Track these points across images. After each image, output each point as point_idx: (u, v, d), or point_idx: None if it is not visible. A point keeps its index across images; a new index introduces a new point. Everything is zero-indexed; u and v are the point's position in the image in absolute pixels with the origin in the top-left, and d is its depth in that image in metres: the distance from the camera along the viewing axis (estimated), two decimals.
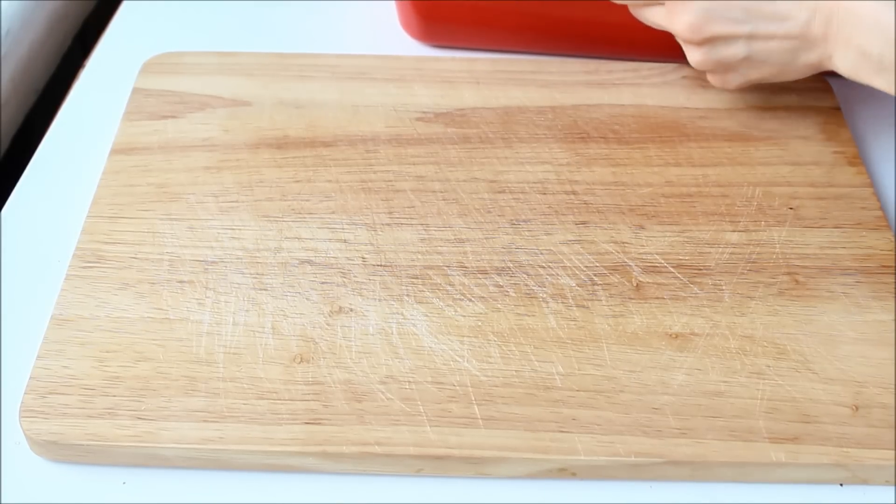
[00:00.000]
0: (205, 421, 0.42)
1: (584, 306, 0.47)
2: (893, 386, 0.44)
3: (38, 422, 0.42)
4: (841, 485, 0.43)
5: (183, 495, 0.42)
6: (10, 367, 0.46)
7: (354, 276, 0.48)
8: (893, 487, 0.43)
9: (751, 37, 0.50)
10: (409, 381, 0.44)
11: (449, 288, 0.48)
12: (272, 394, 0.43)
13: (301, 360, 0.45)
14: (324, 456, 0.42)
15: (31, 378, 0.44)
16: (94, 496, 0.42)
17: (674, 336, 0.46)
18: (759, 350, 0.46)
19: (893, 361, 0.45)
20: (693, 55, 0.52)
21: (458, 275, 0.49)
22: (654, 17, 0.53)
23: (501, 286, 0.48)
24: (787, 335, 0.46)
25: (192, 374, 0.44)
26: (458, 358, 0.45)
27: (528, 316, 0.47)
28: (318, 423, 0.42)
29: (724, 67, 0.52)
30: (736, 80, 0.53)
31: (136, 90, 0.59)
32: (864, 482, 0.43)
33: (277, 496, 0.42)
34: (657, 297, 0.48)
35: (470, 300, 0.47)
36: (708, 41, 0.51)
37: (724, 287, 0.48)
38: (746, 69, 0.52)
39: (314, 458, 0.42)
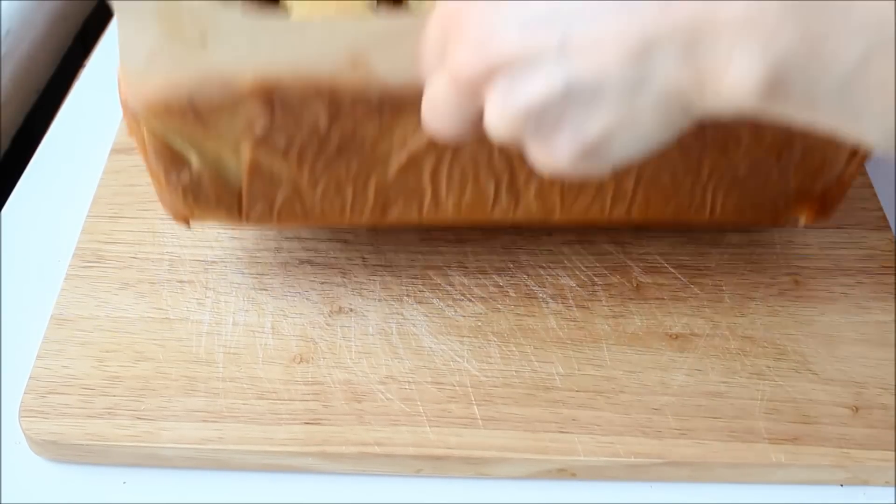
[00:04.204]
0: (204, 421, 0.42)
1: (584, 307, 0.47)
2: (893, 386, 0.44)
3: (37, 421, 0.42)
4: (841, 485, 0.43)
5: (183, 495, 0.42)
6: (10, 367, 0.46)
7: (354, 276, 0.48)
8: (893, 488, 0.43)
9: (563, 46, 0.28)
10: (409, 382, 0.44)
11: (449, 288, 0.48)
12: (272, 394, 0.43)
13: (301, 360, 0.45)
14: (323, 456, 0.42)
15: (30, 378, 0.44)
16: (94, 496, 0.42)
17: (674, 336, 0.46)
18: (759, 351, 0.46)
19: (893, 362, 0.45)
20: (488, 116, 0.30)
21: (458, 275, 0.49)
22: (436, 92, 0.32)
23: (501, 286, 0.48)
24: (787, 336, 0.46)
25: (191, 374, 0.44)
26: (457, 358, 0.45)
27: (528, 316, 0.47)
28: (318, 424, 0.42)
29: (541, 123, 0.30)
30: (569, 144, 0.30)
31: None
32: (865, 483, 0.42)
33: (277, 496, 0.42)
34: (657, 298, 0.48)
35: (470, 300, 0.47)
36: (492, 77, 0.29)
37: (724, 287, 0.48)
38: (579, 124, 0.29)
39: (314, 458, 0.42)
